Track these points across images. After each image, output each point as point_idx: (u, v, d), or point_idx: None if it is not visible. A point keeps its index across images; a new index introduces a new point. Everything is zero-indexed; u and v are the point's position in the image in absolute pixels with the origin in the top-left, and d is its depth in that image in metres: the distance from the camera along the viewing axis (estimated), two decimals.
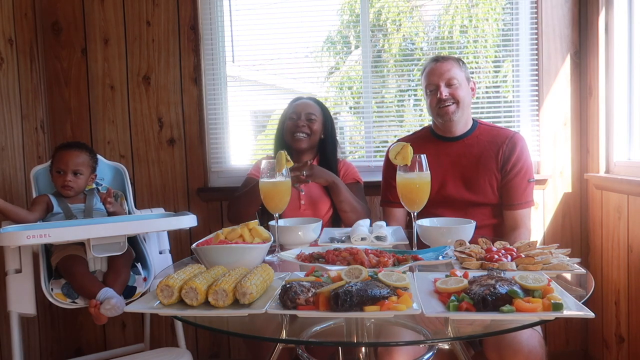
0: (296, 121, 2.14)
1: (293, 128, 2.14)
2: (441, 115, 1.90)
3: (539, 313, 0.92)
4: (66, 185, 1.97)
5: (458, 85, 1.88)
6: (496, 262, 1.21)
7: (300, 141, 2.12)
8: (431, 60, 1.96)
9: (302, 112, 2.15)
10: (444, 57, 1.94)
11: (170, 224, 1.93)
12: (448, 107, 1.88)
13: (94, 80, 2.58)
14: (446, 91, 1.88)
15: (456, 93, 1.88)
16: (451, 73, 1.88)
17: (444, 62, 1.91)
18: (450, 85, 1.88)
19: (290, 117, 2.16)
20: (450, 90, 1.88)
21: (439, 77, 1.89)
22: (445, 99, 1.87)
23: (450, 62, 1.91)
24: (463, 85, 1.90)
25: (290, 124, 2.16)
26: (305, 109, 2.16)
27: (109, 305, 1.73)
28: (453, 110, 1.88)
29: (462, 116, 1.91)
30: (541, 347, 1.46)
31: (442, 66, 1.90)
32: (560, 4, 2.44)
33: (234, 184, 2.59)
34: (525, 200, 1.88)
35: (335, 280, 1.04)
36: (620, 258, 2.18)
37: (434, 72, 1.90)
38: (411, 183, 1.43)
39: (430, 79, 1.92)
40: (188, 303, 1.02)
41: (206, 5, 2.59)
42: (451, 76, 1.88)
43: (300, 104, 2.20)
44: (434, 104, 1.91)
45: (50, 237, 1.70)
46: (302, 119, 2.14)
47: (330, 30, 2.75)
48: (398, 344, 1.44)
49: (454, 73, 1.89)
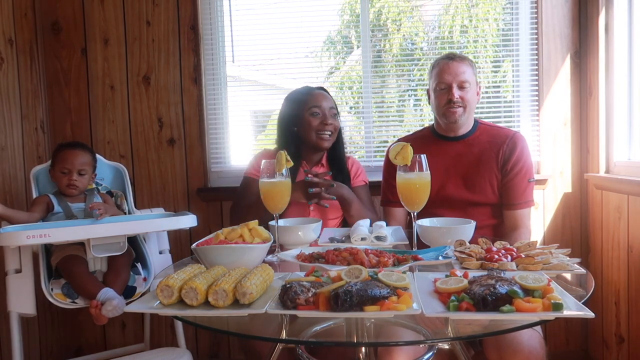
0: (321, 118, 1.94)
1: (319, 126, 1.94)
2: (447, 116, 1.88)
3: (539, 313, 0.92)
4: (72, 184, 1.97)
5: (469, 89, 1.86)
6: (496, 262, 1.21)
7: (326, 141, 1.95)
8: (446, 57, 1.89)
9: (326, 107, 1.96)
10: (460, 57, 1.88)
11: (170, 224, 1.93)
12: (456, 110, 1.85)
13: (94, 80, 2.58)
14: (458, 93, 1.84)
15: (466, 96, 1.85)
16: (465, 75, 1.84)
17: (460, 63, 1.85)
18: (463, 87, 1.85)
19: (313, 112, 1.95)
20: (461, 93, 1.84)
21: (453, 77, 1.84)
22: (455, 101, 1.84)
23: (466, 63, 1.87)
24: (473, 88, 1.88)
25: (314, 121, 1.94)
26: (327, 103, 1.97)
27: (110, 307, 1.73)
28: (460, 113, 1.86)
29: (467, 119, 1.91)
30: (541, 348, 1.46)
31: (457, 66, 1.84)
32: (560, 4, 2.44)
33: (234, 184, 2.59)
34: (525, 200, 1.88)
35: (335, 280, 1.04)
36: (620, 258, 2.18)
37: (448, 71, 1.85)
38: (411, 183, 1.43)
39: (442, 77, 1.86)
40: (188, 303, 1.02)
41: (206, 5, 2.59)
42: (465, 79, 1.84)
43: (319, 96, 1.98)
44: (442, 103, 1.87)
45: (50, 237, 1.70)
46: (327, 114, 1.95)
47: (330, 30, 2.75)
48: (398, 344, 1.44)
49: (468, 75, 1.85)
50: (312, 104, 1.96)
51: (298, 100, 2.01)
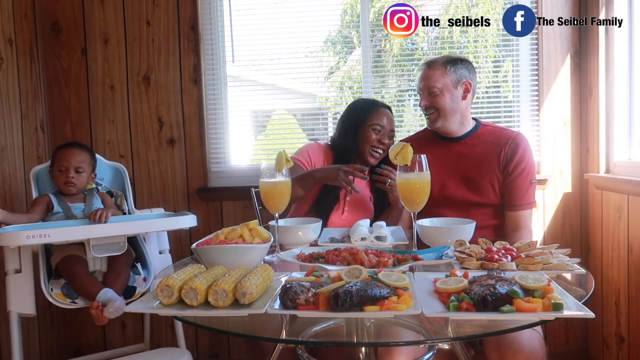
0: (380, 136, 2.03)
1: (375, 142, 2.02)
2: (428, 122, 1.94)
3: (539, 313, 0.92)
4: (69, 181, 1.97)
5: (439, 93, 1.87)
6: (496, 262, 1.21)
7: (375, 158, 2.04)
8: (422, 64, 1.97)
9: (388, 128, 2.05)
10: (431, 62, 1.92)
11: (170, 224, 1.94)
12: (430, 116, 1.91)
13: (94, 80, 2.58)
14: (426, 100, 1.89)
15: (435, 101, 1.88)
16: (431, 81, 1.87)
17: (429, 69, 1.90)
18: (432, 94, 1.88)
19: (375, 128, 2.03)
20: (430, 99, 1.89)
21: (423, 84, 1.90)
22: (427, 107, 1.90)
23: (435, 68, 1.89)
24: (446, 91, 1.87)
25: (373, 137, 2.02)
26: (389, 125, 2.06)
27: (112, 309, 1.73)
28: (434, 118, 1.90)
29: (447, 122, 1.90)
30: (542, 348, 1.46)
31: (426, 73, 1.90)
32: (561, 4, 2.44)
33: (234, 184, 2.60)
34: (527, 202, 1.88)
35: (335, 280, 1.04)
36: (621, 258, 2.18)
37: (420, 78, 1.93)
38: (411, 183, 1.43)
39: (417, 84, 1.94)
40: (188, 303, 1.02)
41: (206, 5, 2.59)
42: (430, 84, 1.87)
43: (385, 116, 2.06)
44: (423, 109, 1.95)
45: (50, 237, 1.71)
46: (386, 135, 2.04)
47: (331, 31, 2.75)
48: (398, 344, 1.44)
49: (434, 81, 1.87)
50: (376, 120, 2.04)
51: (366, 110, 2.07)
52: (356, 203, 2.03)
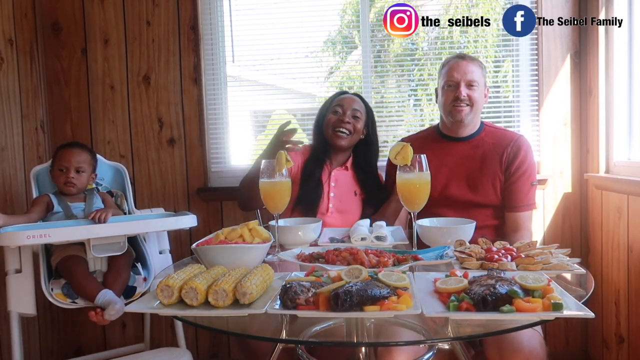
0: (340, 116, 2.01)
1: (336, 123, 2.01)
2: (453, 114, 1.89)
3: (539, 313, 0.92)
4: (69, 181, 1.97)
5: (477, 88, 1.88)
6: (496, 262, 1.21)
7: (341, 138, 2.00)
8: (456, 57, 1.93)
9: (348, 108, 2.02)
10: (470, 57, 1.92)
11: (170, 224, 1.93)
12: (462, 108, 1.87)
13: (94, 80, 2.58)
14: (465, 91, 1.86)
15: (474, 95, 1.87)
16: (474, 75, 1.87)
17: (470, 62, 1.89)
18: (471, 86, 1.87)
19: (334, 110, 2.03)
20: (469, 92, 1.87)
21: (461, 76, 1.87)
22: (462, 99, 1.86)
23: (476, 63, 1.90)
24: (481, 89, 1.90)
25: (333, 118, 2.02)
26: (351, 105, 2.03)
27: (113, 311, 1.73)
28: (467, 112, 1.88)
29: (472, 119, 1.91)
30: (542, 348, 1.46)
31: (467, 65, 1.88)
32: (561, 4, 2.44)
33: (234, 184, 2.59)
34: (528, 203, 1.88)
35: (335, 280, 1.04)
36: (620, 258, 2.18)
37: (458, 69, 1.88)
38: (411, 183, 1.43)
39: (451, 74, 1.89)
40: (188, 303, 1.02)
41: (206, 5, 2.59)
42: (473, 78, 1.87)
43: (346, 98, 2.07)
44: (449, 100, 1.89)
45: (50, 237, 1.71)
46: (347, 114, 2.01)
47: (331, 31, 2.75)
48: (398, 344, 1.44)
49: (476, 75, 1.87)
50: (336, 103, 2.05)
51: (330, 101, 2.10)
52: (342, 201, 2.03)
